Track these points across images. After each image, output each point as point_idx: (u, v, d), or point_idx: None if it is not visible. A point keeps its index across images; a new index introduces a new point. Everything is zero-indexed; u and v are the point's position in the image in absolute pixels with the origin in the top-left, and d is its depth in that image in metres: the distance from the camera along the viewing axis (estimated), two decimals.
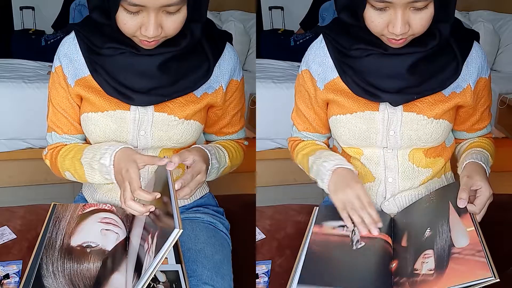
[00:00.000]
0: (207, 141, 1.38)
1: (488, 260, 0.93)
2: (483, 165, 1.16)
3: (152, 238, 1.01)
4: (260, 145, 2.60)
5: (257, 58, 3.15)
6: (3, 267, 1.18)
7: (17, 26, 3.84)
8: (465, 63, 1.18)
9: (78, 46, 1.20)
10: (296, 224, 1.35)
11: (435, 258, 1.00)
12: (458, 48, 1.16)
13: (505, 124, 2.68)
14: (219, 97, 1.26)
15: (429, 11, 1.05)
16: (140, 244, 1.07)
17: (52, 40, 3.50)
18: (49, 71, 2.86)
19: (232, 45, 1.28)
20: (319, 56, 1.24)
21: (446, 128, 1.21)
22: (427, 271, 0.99)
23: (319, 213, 1.25)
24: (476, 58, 1.19)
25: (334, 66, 1.21)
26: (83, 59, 1.20)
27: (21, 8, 3.85)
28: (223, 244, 1.27)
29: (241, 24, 3.22)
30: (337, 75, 1.21)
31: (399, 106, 1.18)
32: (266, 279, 1.21)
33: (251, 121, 2.08)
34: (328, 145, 1.38)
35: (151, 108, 1.20)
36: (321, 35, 1.25)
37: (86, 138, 1.29)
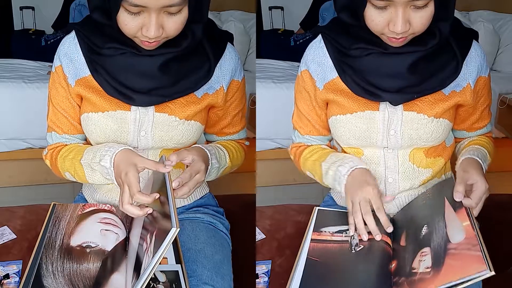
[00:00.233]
0: (207, 141, 1.38)
1: (483, 254, 0.92)
2: (480, 161, 1.16)
3: (150, 237, 1.01)
4: (260, 145, 2.60)
5: (257, 58, 3.15)
6: (3, 267, 1.18)
7: (17, 26, 3.84)
8: (464, 62, 1.18)
9: (79, 46, 1.20)
10: (296, 224, 1.35)
11: (432, 255, 1.00)
12: (457, 47, 1.16)
13: (505, 124, 2.68)
14: (220, 97, 1.26)
15: (430, 10, 1.05)
16: (139, 244, 1.07)
17: (52, 40, 3.50)
18: (49, 71, 2.86)
19: (233, 45, 1.28)
20: (318, 56, 1.24)
21: (446, 127, 1.21)
22: (424, 269, 0.99)
23: (318, 219, 1.24)
24: (475, 57, 1.19)
25: (334, 66, 1.21)
26: (83, 59, 1.19)
27: (21, 8, 3.84)
28: (223, 244, 1.27)
29: (241, 24, 3.22)
30: (337, 75, 1.21)
31: (399, 106, 1.18)
32: (266, 279, 1.21)
33: (251, 121, 2.07)
34: (331, 147, 1.37)
35: (151, 108, 1.20)
36: (319, 35, 1.25)
37: (87, 138, 1.28)
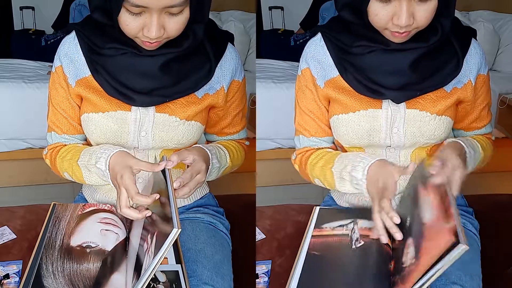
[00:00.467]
0: (208, 141, 1.38)
1: (457, 228, 0.88)
2: (463, 144, 1.15)
3: (151, 238, 1.01)
4: (260, 145, 2.60)
5: (257, 58, 3.15)
6: (3, 267, 1.18)
7: (17, 26, 3.84)
8: (465, 59, 1.18)
9: (79, 46, 1.20)
10: (296, 224, 1.35)
11: (414, 244, 0.99)
12: (458, 45, 1.17)
13: (505, 124, 2.68)
14: (220, 97, 1.25)
15: (433, 3, 1.05)
16: (140, 244, 1.07)
17: (52, 40, 3.50)
18: (49, 71, 2.86)
19: (234, 45, 1.28)
20: (318, 53, 1.23)
21: (448, 125, 1.21)
22: (410, 261, 0.97)
23: (319, 217, 1.24)
24: (475, 55, 1.20)
25: (334, 64, 1.21)
26: (83, 59, 1.19)
27: (21, 8, 3.84)
28: (223, 244, 1.27)
29: (241, 24, 3.22)
30: (337, 73, 1.21)
31: (402, 103, 1.18)
32: (266, 279, 1.21)
33: (251, 121, 2.07)
34: (336, 148, 1.34)
35: (152, 108, 1.20)
36: (318, 34, 1.24)
37: (87, 138, 1.28)
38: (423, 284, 0.91)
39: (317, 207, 1.29)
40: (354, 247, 1.10)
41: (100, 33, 1.15)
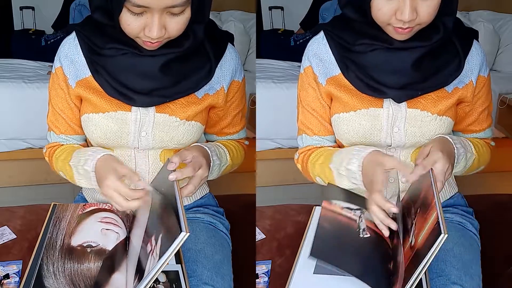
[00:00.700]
0: (208, 141, 1.38)
1: (437, 218, 0.89)
2: (450, 140, 1.14)
3: (156, 240, 1.01)
4: (260, 145, 2.60)
5: (257, 58, 3.15)
6: (3, 267, 1.18)
7: (17, 26, 3.84)
8: (466, 59, 1.18)
9: (79, 47, 1.20)
10: (296, 224, 1.35)
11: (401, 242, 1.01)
12: (460, 45, 1.17)
13: (505, 124, 2.68)
14: (220, 98, 1.26)
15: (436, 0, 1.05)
16: (142, 245, 1.07)
17: (52, 40, 3.50)
18: (49, 71, 2.86)
19: (234, 45, 1.28)
20: (320, 51, 1.23)
21: (449, 125, 1.21)
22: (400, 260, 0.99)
23: (330, 191, 1.22)
24: (476, 56, 1.20)
25: (336, 62, 1.21)
26: (84, 59, 1.19)
27: (21, 8, 3.84)
28: (223, 244, 1.27)
29: (241, 24, 3.22)
30: (339, 71, 1.21)
31: (403, 103, 1.18)
32: (266, 279, 1.22)
33: (251, 121, 2.07)
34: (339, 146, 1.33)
35: (152, 109, 1.20)
36: (321, 32, 1.24)
37: (87, 139, 1.29)
38: (415, 279, 0.91)
39: (317, 207, 1.29)
40: (361, 236, 1.10)
41: (101, 33, 1.16)
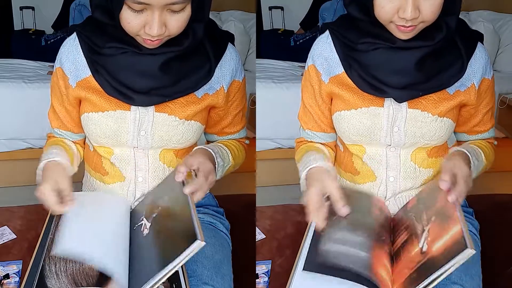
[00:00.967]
0: (208, 141, 1.38)
1: (461, 232, 0.91)
2: (468, 153, 1.15)
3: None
4: (260, 145, 2.60)
5: (257, 58, 3.15)
6: (3, 267, 1.18)
7: (17, 26, 3.85)
8: (469, 62, 1.18)
9: (80, 47, 1.20)
10: (296, 224, 1.36)
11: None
12: (463, 47, 1.16)
13: (505, 124, 2.68)
14: (220, 98, 1.26)
15: None
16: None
17: (52, 40, 3.50)
18: (49, 71, 2.86)
19: (234, 45, 1.28)
20: (325, 51, 1.23)
21: (449, 127, 1.21)
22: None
23: None
24: (480, 58, 1.20)
25: (340, 61, 1.21)
26: (84, 60, 1.20)
27: (21, 8, 3.85)
28: (223, 244, 1.27)
29: (241, 24, 3.22)
30: (343, 70, 1.21)
31: (404, 103, 1.18)
32: (266, 279, 1.22)
33: (251, 121, 2.07)
34: (334, 149, 1.35)
35: (151, 108, 1.20)
36: (327, 32, 1.25)
37: (86, 138, 1.30)
38: (428, 285, 0.91)
39: None
40: None
41: (101, 33, 1.16)
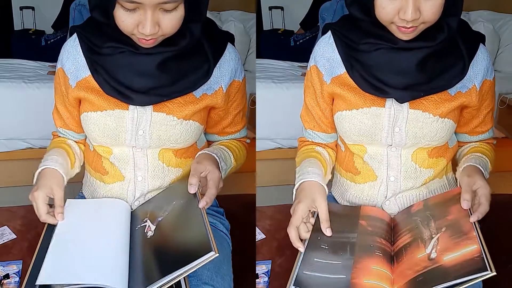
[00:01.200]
0: (208, 141, 1.38)
1: (480, 252, 0.93)
2: (481, 169, 1.17)
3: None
4: (260, 145, 2.60)
5: (257, 58, 3.15)
6: (3, 267, 1.18)
7: (17, 26, 3.85)
8: (471, 64, 1.18)
9: (80, 48, 1.21)
10: None
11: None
12: (465, 48, 1.16)
13: (505, 124, 2.68)
14: (219, 98, 1.26)
15: None
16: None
17: (52, 40, 3.50)
18: (49, 71, 2.86)
19: (234, 45, 1.28)
20: (327, 51, 1.24)
21: (450, 127, 1.21)
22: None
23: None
24: (481, 60, 1.20)
25: (342, 62, 1.21)
26: (84, 60, 1.20)
27: (21, 8, 3.85)
28: (223, 244, 1.27)
29: (241, 24, 3.22)
30: (344, 70, 1.21)
31: (405, 103, 1.18)
32: (266, 279, 1.22)
33: (251, 121, 2.07)
34: (335, 149, 1.35)
35: (149, 107, 1.20)
36: (329, 32, 1.25)
37: (86, 137, 1.31)
38: None
39: None
40: None
41: (100, 33, 1.16)
